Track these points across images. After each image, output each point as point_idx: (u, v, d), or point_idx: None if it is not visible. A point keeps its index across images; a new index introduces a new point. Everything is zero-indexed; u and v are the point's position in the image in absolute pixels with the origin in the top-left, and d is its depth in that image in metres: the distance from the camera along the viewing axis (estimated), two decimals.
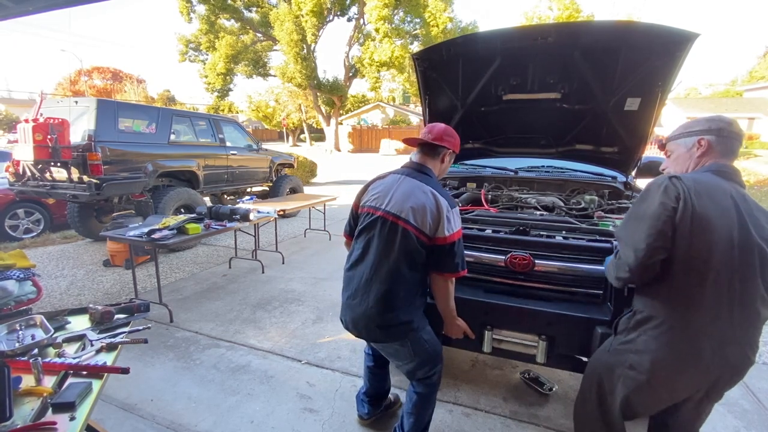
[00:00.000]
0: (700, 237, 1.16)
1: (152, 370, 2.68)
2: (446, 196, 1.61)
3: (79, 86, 32.13)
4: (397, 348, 1.69)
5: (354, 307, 1.64)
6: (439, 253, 1.58)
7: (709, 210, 1.17)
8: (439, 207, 1.56)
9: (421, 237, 1.55)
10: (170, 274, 4.59)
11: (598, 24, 2.46)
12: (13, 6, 2.86)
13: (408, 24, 21.63)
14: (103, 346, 1.57)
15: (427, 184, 1.62)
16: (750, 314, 1.21)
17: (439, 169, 1.78)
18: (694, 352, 1.22)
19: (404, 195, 1.60)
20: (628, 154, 2.86)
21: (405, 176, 1.67)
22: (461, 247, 1.61)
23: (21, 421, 1.17)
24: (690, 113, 27.52)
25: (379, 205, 1.63)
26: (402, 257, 1.56)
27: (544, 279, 1.98)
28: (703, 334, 1.21)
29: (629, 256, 1.25)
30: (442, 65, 2.75)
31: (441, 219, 1.55)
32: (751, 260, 1.17)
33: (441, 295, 1.69)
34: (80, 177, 4.59)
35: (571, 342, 1.87)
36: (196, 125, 6.21)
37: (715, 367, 1.24)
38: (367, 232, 1.65)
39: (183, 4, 20.93)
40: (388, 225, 1.58)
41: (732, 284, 1.18)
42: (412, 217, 1.55)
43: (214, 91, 23.91)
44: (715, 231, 1.16)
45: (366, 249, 1.64)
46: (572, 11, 24.49)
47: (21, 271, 2.83)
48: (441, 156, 1.75)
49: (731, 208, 1.19)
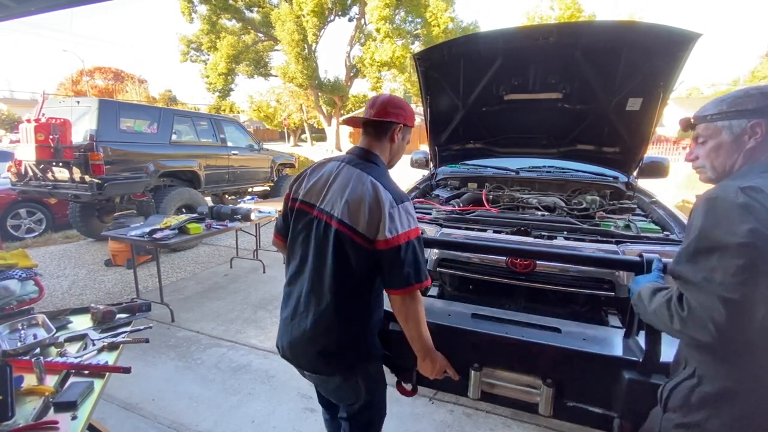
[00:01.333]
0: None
1: (154, 370, 2.68)
2: (391, 187, 1.25)
3: (81, 86, 32.19)
4: (339, 384, 1.35)
5: (292, 329, 1.31)
6: (384, 262, 1.20)
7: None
8: (379, 201, 1.19)
9: (357, 239, 1.20)
10: (171, 273, 4.59)
11: (599, 24, 2.46)
12: (15, 6, 2.86)
13: (409, 24, 21.62)
14: (105, 345, 1.57)
15: (369, 174, 1.26)
16: None
17: (390, 151, 1.40)
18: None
19: (340, 188, 1.25)
20: (630, 154, 2.85)
21: (345, 164, 1.31)
22: (414, 252, 1.20)
23: (23, 420, 1.18)
24: (692, 113, 27.46)
25: (314, 202, 1.29)
26: (339, 267, 1.22)
27: (546, 281, 1.97)
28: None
29: (714, 308, 0.78)
30: (443, 65, 2.75)
31: (381, 216, 1.18)
32: None
33: (401, 320, 1.25)
34: (82, 177, 4.60)
35: (584, 389, 1.38)
36: (198, 125, 6.22)
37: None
38: (302, 236, 1.32)
39: (184, 5, 20.96)
40: (322, 226, 1.25)
41: None
42: (347, 215, 1.20)
43: (215, 91, 23.94)
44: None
45: (304, 258, 1.31)
46: (574, 11, 24.43)
47: (23, 270, 2.83)
48: (389, 134, 1.36)
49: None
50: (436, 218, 2.35)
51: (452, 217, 2.38)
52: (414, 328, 1.25)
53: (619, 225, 2.22)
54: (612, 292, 1.85)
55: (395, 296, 1.22)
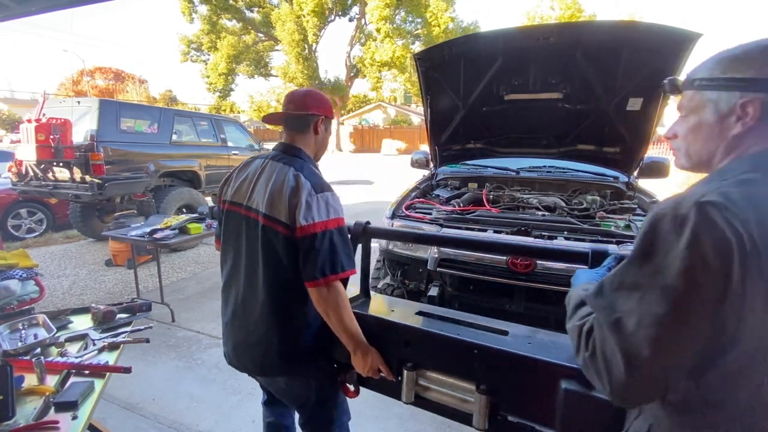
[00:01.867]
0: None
1: (154, 370, 2.69)
2: (314, 178, 1.22)
3: (82, 86, 32.22)
4: (287, 383, 1.34)
5: (234, 332, 1.31)
6: (300, 250, 1.17)
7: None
8: (298, 189, 1.17)
9: (280, 229, 1.18)
10: (172, 273, 4.60)
11: (600, 24, 2.46)
12: (15, 6, 2.86)
13: (409, 24, 21.64)
14: (105, 345, 1.57)
15: (293, 166, 1.24)
16: None
17: (315, 143, 1.38)
18: None
19: (265, 183, 1.23)
20: (630, 154, 2.85)
21: (269, 160, 1.30)
22: (331, 242, 1.17)
23: (23, 420, 1.18)
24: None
25: (241, 201, 1.28)
26: (271, 262, 1.21)
27: (546, 281, 1.97)
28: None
29: (615, 360, 0.61)
30: (443, 65, 2.75)
31: (298, 203, 1.15)
32: None
33: (321, 312, 1.20)
34: (82, 177, 4.60)
35: (521, 401, 1.16)
36: (198, 125, 6.22)
37: None
38: (234, 236, 1.30)
39: (185, 5, 20.99)
40: (251, 223, 1.24)
41: None
42: (269, 207, 1.19)
43: (215, 92, 23.98)
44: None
45: (237, 258, 1.30)
46: (574, 11, 24.43)
47: (24, 270, 2.84)
48: (312, 127, 1.35)
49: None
50: (436, 218, 2.35)
51: (452, 217, 2.38)
52: (336, 320, 1.19)
53: (620, 225, 2.22)
54: None
55: (310, 288, 1.17)
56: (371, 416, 2.26)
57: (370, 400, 2.39)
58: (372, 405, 2.35)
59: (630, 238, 1.98)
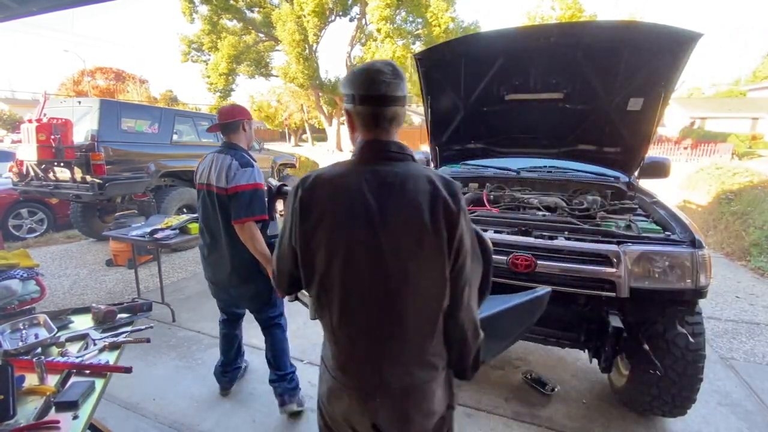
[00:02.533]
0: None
1: (155, 370, 2.69)
2: (242, 159, 1.97)
3: (82, 86, 32.23)
4: (247, 290, 2.14)
5: (212, 263, 2.21)
6: (231, 203, 1.91)
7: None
8: (231, 167, 1.93)
9: (222, 192, 1.94)
10: (172, 273, 4.60)
11: (600, 24, 2.45)
12: (16, 7, 2.87)
13: (410, 24, 21.63)
14: (106, 345, 1.57)
15: (229, 154, 2.00)
16: None
17: (246, 137, 2.13)
18: None
19: (215, 167, 1.99)
20: (631, 154, 2.84)
21: (217, 153, 2.04)
22: (248, 197, 1.89)
23: (24, 419, 1.18)
24: (693, 113, 27.40)
25: (203, 180, 2.03)
26: (222, 215, 1.97)
27: (547, 281, 1.97)
28: None
29: None
30: (444, 65, 2.75)
31: (230, 174, 1.92)
32: None
33: (244, 242, 1.93)
34: (83, 177, 4.61)
35: None
36: (199, 125, 6.23)
37: None
38: (203, 204, 2.07)
39: (185, 5, 20.99)
40: (209, 194, 2.00)
41: None
42: (215, 179, 1.95)
43: (216, 92, 23.95)
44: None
45: (206, 219, 2.08)
46: (575, 11, 24.40)
47: (24, 270, 2.84)
48: (239, 127, 2.08)
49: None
50: None
51: None
52: (251, 246, 1.93)
53: (620, 225, 2.22)
54: (613, 293, 1.85)
55: (235, 224, 1.92)
56: None
57: None
58: None
59: (631, 238, 1.98)
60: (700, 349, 1.90)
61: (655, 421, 2.23)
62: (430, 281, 0.92)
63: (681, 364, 1.91)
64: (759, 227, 5.41)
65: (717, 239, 5.93)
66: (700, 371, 1.92)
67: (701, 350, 1.91)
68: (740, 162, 15.22)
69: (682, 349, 1.90)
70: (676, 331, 1.91)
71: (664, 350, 1.93)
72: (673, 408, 2.04)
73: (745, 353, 2.95)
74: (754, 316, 3.61)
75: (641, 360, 1.98)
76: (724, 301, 3.93)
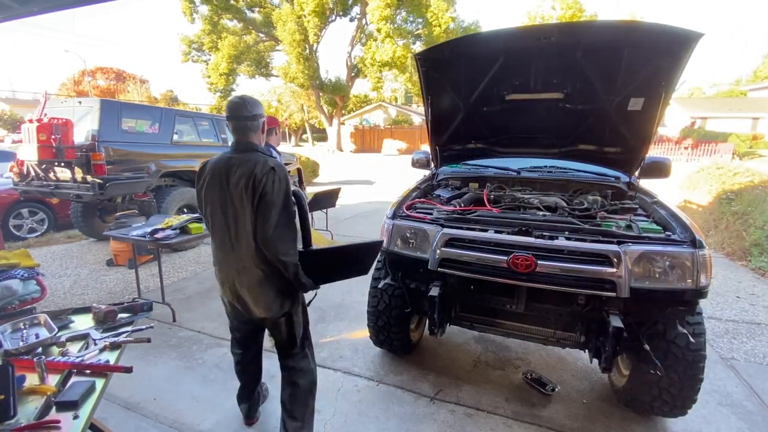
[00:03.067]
0: None
1: (155, 369, 2.69)
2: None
3: (83, 86, 32.25)
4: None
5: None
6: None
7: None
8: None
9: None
10: (173, 273, 4.60)
11: (601, 24, 2.45)
12: (17, 7, 2.87)
13: (410, 24, 21.64)
14: (107, 345, 1.57)
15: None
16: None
17: (276, 139, 2.88)
18: None
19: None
20: (632, 154, 2.84)
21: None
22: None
23: (25, 419, 1.18)
24: (694, 113, 27.39)
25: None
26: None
27: (547, 281, 1.97)
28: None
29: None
30: (444, 65, 2.74)
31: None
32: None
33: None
34: (84, 177, 4.61)
35: None
36: (199, 125, 6.22)
37: None
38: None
39: (186, 5, 21.01)
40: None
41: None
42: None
43: (216, 92, 23.97)
44: None
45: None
46: (575, 11, 24.40)
47: (25, 270, 2.85)
48: (273, 132, 2.81)
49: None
50: (437, 218, 2.35)
51: (453, 217, 2.37)
52: None
53: (621, 225, 2.21)
54: (613, 293, 1.85)
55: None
56: (372, 417, 2.26)
57: (370, 400, 2.40)
58: (373, 405, 2.35)
59: (631, 238, 1.98)
60: (700, 349, 1.90)
61: (656, 421, 2.22)
62: (247, 219, 1.65)
63: (681, 364, 1.91)
64: (760, 227, 5.40)
65: (717, 239, 5.92)
66: (701, 371, 1.92)
67: (702, 350, 1.90)
68: (741, 162, 15.21)
69: (683, 349, 1.90)
70: (677, 331, 1.91)
71: (664, 350, 1.92)
72: (673, 408, 2.04)
73: (746, 353, 2.94)
74: (755, 316, 3.61)
75: (642, 360, 1.98)
76: (725, 301, 3.93)
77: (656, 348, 1.93)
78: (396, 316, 2.51)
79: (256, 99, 1.82)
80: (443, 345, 3.01)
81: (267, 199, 1.60)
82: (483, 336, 3.10)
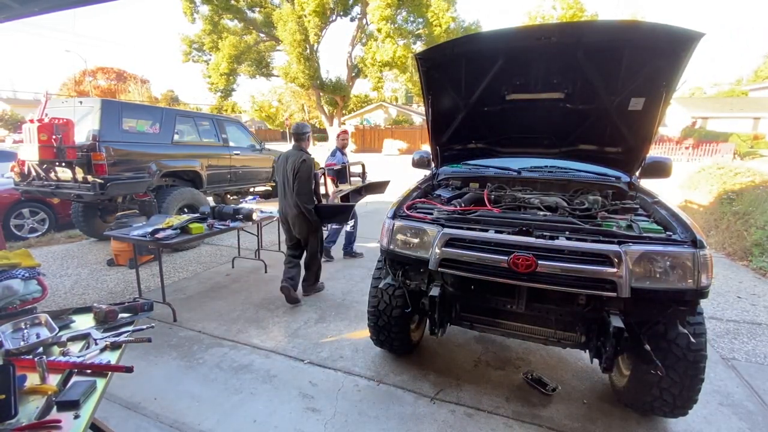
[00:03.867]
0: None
1: (156, 369, 2.69)
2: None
3: (84, 86, 32.28)
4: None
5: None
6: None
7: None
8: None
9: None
10: (174, 273, 4.61)
11: (601, 23, 2.44)
12: (18, 7, 2.88)
13: (411, 24, 21.64)
14: (107, 344, 1.58)
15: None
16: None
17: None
18: None
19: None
20: (633, 154, 2.84)
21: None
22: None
23: (26, 419, 1.18)
24: (695, 113, 27.36)
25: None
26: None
27: (548, 281, 1.97)
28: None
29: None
30: (444, 65, 2.74)
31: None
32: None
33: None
34: (85, 177, 4.62)
35: None
36: (200, 125, 6.23)
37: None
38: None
39: (186, 5, 21.03)
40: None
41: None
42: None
43: (217, 92, 24.01)
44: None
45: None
46: (576, 11, 24.39)
47: (26, 270, 2.85)
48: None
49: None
50: (437, 218, 2.35)
51: (454, 217, 2.37)
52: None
53: (621, 225, 2.21)
54: (614, 293, 1.85)
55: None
56: (372, 416, 2.26)
57: (371, 400, 2.40)
58: (373, 405, 2.35)
59: (632, 238, 1.98)
60: (701, 350, 1.90)
61: (657, 421, 2.22)
62: (292, 183, 3.55)
63: (682, 365, 1.91)
64: (761, 227, 5.39)
65: (718, 239, 5.92)
66: (702, 371, 1.92)
67: (703, 350, 1.90)
68: (742, 162, 15.18)
69: (684, 349, 1.90)
70: (678, 331, 1.91)
71: (665, 350, 1.92)
72: (674, 408, 2.04)
73: (747, 353, 2.94)
74: (756, 316, 3.61)
75: (642, 360, 1.98)
76: (726, 301, 3.93)
77: (657, 348, 1.92)
78: (396, 316, 2.52)
79: (306, 123, 3.63)
80: (444, 345, 3.01)
81: (299, 175, 3.52)
82: (483, 336, 3.11)
